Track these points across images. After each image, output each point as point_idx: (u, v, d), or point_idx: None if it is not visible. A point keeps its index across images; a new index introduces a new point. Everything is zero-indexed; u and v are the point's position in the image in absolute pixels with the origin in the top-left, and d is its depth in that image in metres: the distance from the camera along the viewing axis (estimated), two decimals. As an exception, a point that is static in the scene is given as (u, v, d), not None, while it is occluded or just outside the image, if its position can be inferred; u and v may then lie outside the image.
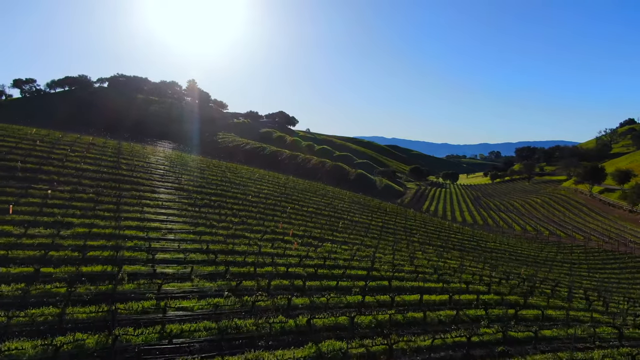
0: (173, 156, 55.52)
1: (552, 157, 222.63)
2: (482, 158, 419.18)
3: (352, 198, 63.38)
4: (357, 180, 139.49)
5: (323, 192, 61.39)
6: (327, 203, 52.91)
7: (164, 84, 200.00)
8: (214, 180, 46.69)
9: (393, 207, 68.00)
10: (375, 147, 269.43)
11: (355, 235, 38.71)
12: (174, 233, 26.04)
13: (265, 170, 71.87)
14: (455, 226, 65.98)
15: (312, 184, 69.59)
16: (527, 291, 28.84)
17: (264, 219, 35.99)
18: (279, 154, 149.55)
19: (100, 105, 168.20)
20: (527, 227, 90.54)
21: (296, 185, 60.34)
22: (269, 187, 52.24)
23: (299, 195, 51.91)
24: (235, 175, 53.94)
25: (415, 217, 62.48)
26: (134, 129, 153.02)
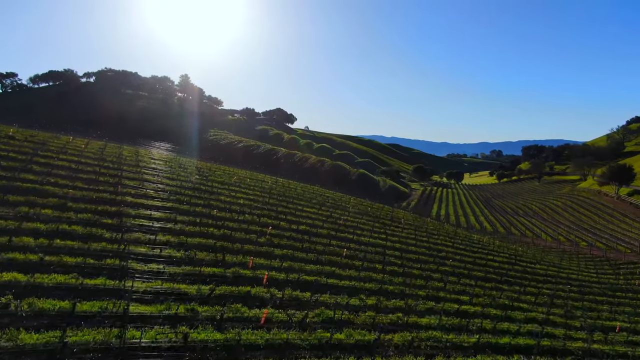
0: (126, 153, 41.91)
1: (560, 156, 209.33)
2: (483, 157, 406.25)
3: (356, 206, 49.77)
4: (359, 180, 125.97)
5: (321, 198, 47.80)
6: (326, 216, 39.36)
7: (155, 79, 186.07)
8: (170, 187, 33.24)
9: (407, 217, 54.46)
10: (376, 146, 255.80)
11: (367, 272, 25.17)
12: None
13: (250, 172, 58.36)
14: (485, 240, 52.35)
15: (307, 187, 56.01)
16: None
17: (227, 249, 22.56)
18: (275, 152, 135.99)
19: (85, 101, 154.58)
20: (559, 237, 76.96)
21: (286, 190, 46.74)
22: (249, 195, 38.64)
23: (287, 206, 38.32)
24: (204, 178, 40.35)
25: (438, 231, 48.84)
26: (118, 125, 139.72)
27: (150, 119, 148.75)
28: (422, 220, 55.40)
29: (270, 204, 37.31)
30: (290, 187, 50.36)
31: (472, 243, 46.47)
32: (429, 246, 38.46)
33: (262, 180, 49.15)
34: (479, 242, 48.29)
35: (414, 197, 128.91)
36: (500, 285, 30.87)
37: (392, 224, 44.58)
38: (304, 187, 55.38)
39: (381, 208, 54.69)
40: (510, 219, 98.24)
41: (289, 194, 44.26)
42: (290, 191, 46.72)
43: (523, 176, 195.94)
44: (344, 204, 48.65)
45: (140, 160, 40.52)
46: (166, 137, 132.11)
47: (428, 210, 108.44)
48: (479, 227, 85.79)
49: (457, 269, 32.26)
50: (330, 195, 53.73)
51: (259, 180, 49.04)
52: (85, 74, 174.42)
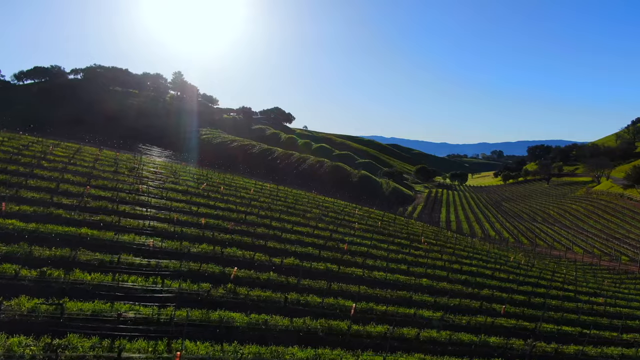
0: (94, 156, 30.95)
1: (568, 157, 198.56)
2: (484, 157, 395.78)
3: (363, 219, 38.67)
4: (361, 183, 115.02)
5: (318, 211, 36.70)
6: (325, 237, 28.32)
7: (147, 76, 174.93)
8: (94, 200, 22.32)
9: (426, 231, 43.26)
10: (376, 146, 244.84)
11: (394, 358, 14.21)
12: None
13: (234, 175, 47.26)
14: (524, 262, 41.09)
15: (302, 194, 44.95)
16: None
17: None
18: (271, 152, 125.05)
19: (70, 99, 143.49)
20: (593, 249, 65.91)
21: (274, 201, 35.62)
22: (215, 212, 27.55)
23: (271, 225, 27.20)
24: (161, 182, 29.28)
25: (466, 248, 37.67)
26: (104, 124, 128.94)
27: (139, 117, 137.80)
28: (443, 235, 44.32)
29: (247, 222, 26.33)
30: (279, 195, 39.29)
31: (513, 268, 35.47)
32: (466, 279, 27.43)
33: (244, 188, 38.06)
34: (518, 266, 37.30)
35: (420, 201, 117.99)
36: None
37: (411, 244, 33.56)
38: (298, 194, 44.35)
39: (393, 220, 43.67)
40: (529, 226, 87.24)
41: (276, 206, 33.19)
42: (279, 202, 35.62)
43: (530, 177, 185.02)
44: (347, 217, 37.56)
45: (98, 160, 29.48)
46: (154, 135, 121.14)
47: (437, 216, 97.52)
48: (497, 236, 74.84)
49: (518, 328, 21.20)
50: (330, 204, 42.69)
51: (240, 187, 37.93)
52: (73, 71, 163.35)
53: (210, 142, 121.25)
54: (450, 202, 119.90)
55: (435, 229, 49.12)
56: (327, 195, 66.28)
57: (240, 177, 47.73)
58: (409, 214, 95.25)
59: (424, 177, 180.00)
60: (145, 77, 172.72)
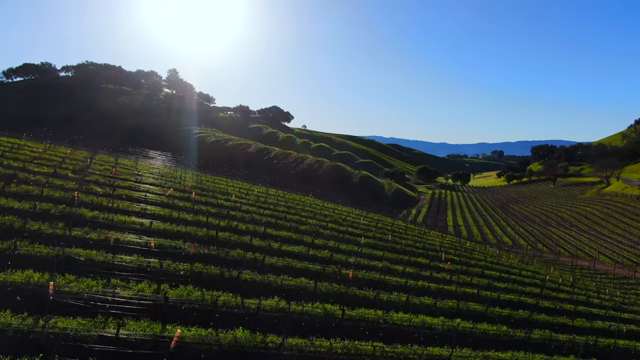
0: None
1: (573, 157, 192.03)
2: (484, 157, 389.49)
3: (370, 229, 31.68)
4: (362, 183, 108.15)
5: (314, 221, 29.69)
6: (323, 260, 21.39)
7: (140, 73, 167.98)
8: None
9: (445, 242, 36.25)
10: (377, 146, 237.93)
11: None
12: None
13: (207, 175, 40.19)
14: (561, 281, 34.09)
15: (296, 199, 37.95)
16: None
17: None
18: (268, 152, 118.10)
19: (60, 96, 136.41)
20: (622, 259, 58.90)
21: (258, 210, 28.63)
22: (177, 229, 20.65)
23: (251, 246, 20.19)
24: (109, 191, 22.34)
25: (495, 264, 30.72)
26: (94, 122, 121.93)
27: (131, 115, 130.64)
28: (462, 247, 37.26)
29: (218, 241, 19.41)
30: (268, 201, 32.31)
31: (554, 291, 28.55)
32: (509, 315, 20.53)
33: (224, 193, 31.08)
34: (558, 287, 30.39)
35: (424, 203, 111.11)
36: None
37: (431, 263, 26.62)
38: (292, 199, 37.37)
39: (404, 230, 36.68)
40: (544, 231, 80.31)
41: (262, 217, 26.21)
42: (267, 210, 28.60)
43: (534, 178, 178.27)
44: (351, 228, 30.57)
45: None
46: (145, 134, 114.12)
47: (443, 219, 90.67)
48: (511, 242, 68.00)
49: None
50: (330, 211, 35.71)
51: (220, 192, 30.92)
52: (64, 68, 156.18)
53: (204, 142, 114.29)
54: (456, 204, 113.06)
55: (454, 240, 42.01)
56: (327, 197, 59.35)
57: (225, 179, 40.78)
58: (413, 218, 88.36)
59: (426, 177, 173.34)
60: (139, 75, 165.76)
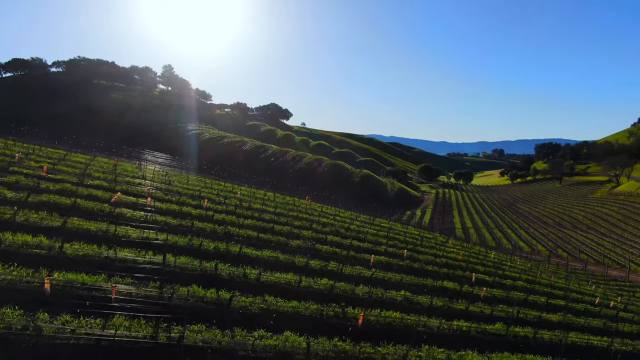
0: None
1: (579, 155, 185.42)
2: (485, 156, 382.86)
3: (378, 240, 25.07)
4: (363, 183, 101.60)
5: (310, 233, 23.13)
6: (323, 297, 14.85)
7: (134, 69, 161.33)
8: None
9: (478, 256, 29.76)
10: (377, 144, 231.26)
11: None
12: None
13: (182, 173, 33.61)
14: (613, 304, 27.57)
15: (288, 202, 31.32)
16: None
17: None
18: (264, 150, 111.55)
19: (50, 92, 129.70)
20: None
21: (234, 223, 21.92)
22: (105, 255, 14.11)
23: (202, 295, 13.69)
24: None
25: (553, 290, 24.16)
26: (84, 119, 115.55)
27: (123, 112, 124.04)
28: (490, 261, 30.66)
29: (164, 273, 12.93)
30: (253, 206, 25.79)
31: (614, 321, 22.04)
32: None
33: (196, 197, 24.43)
34: (616, 314, 23.91)
35: (428, 203, 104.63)
36: None
37: (461, 290, 20.09)
38: (285, 203, 30.79)
39: (419, 240, 30.12)
40: (560, 233, 73.85)
41: (240, 230, 19.62)
42: (246, 223, 21.89)
43: (539, 176, 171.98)
44: (356, 241, 23.92)
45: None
46: (136, 131, 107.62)
47: (449, 221, 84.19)
48: (528, 248, 61.54)
49: None
50: (330, 218, 29.11)
51: (190, 195, 24.27)
52: (55, 63, 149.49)
53: (197, 139, 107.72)
54: (462, 205, 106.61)
55: (475, 250, 34.88)
56: (326, 199, 52.84)
57: (205, 179, 34.22)
58: (418, 219, 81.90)
59: (428, 176, 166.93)
60: (132, 70, 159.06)
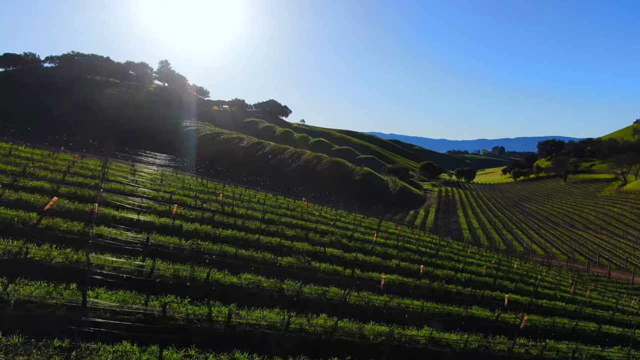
0: None
1: (583, 152, 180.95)
2: (485, 154, 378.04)
3: (388, 250, 20.70)
4: (364, 181, 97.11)
5: (305, 245, 18.74)
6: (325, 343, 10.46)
7: (130, 65, 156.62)
8: None
9: (504, 269, 25.22)
10: (377, 142, 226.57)
11: None
12: None
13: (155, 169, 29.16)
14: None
15: (282, 208, 26.80)
16: None
17: None
18: (262, 146, 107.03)
19: (41, 88, 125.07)
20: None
21: (206, 237, 17.35)
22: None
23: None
24: None
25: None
26: (75, 116, 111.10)
27: (117, 107, 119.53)
28: (521, 277, 26.17)
29: (90, 308, 8.54)
30: (238, 212, 21.33)
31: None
32: None
33: (164, 202, 19.95)
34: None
35: (431, 202, 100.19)
36: None
37: (497, 320, 15.59)
38: (275, 207, 26.28)
39: (436, 248, 25.71)
40: (572, 234, 69.39)
41: (214, 246, 15.05)
42: (224, 234, 17.14)
43: (542, 174, 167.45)
44: (362, 255, 19.36)
45: None
46: (128, 127, 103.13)
47: (455, 221, 79.76)
48: (542, 252, 57.10)
49: None
50: (329, 223, 24.57)
51: (150, 196, 19.77)
52: (48, 58, 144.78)
53: (192, 136, 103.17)
54: (466, 204, 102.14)
55: (497, 260, 30.29)
56: (326, 199, 48.42)
57: (185, 176, 29.70)
58: (423, 219, 77.48)
59: (429, 174, 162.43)
60: (128, 66, 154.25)
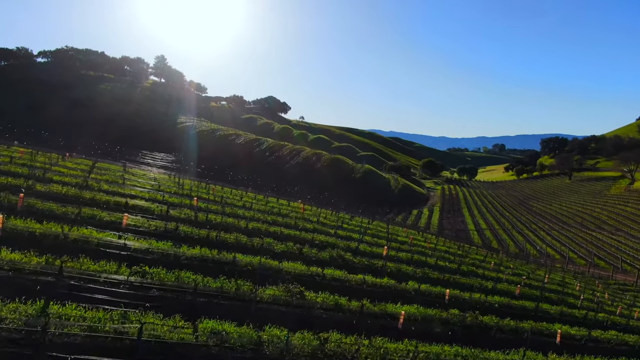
0: None
1: (587, 150, 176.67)
2: (485, 151, 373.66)
3: (422, 306, 16.37)
4: (365, 179, 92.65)
5: (298, 268, 14.51)
6: None
7: (126, 60, 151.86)
8: None
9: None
10: (378, 139, 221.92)
11: None
12: None
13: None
14: None
15: (270, 210, 22.42)
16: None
17: None
18: (259, 143, 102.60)
19: (31, 85, 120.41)
20: None
21: (160, 260, 13.08)
22: None
23: None
24: None
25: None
26: (66, 112, 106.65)
27: (111, 103, 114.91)
28: (565, 296, 21.78)
29: None
30: (214, 220, 16.99)
31: None
32: None
33: (115, 208, 15.52)
34: None
35: (435, 201, 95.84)
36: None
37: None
38: (265, 211, 21.90)
39: (458, 262, 21.32)
40: (586, 236, 65.06)
41: (167, 275, 10.69)
42: (190, 254, 12.69)
43: (546, 172, 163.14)
44: (370, 278, 14.88)
45: None
46: (120, 124, 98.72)
47: (460, 221, 75.39)
48: (557, 256, 52.83)
49: None
50: (329, 232, 20.20)
51: (101, 202, 15.40)
52: (41, 53, 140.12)
53: (187, 132, 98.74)
54: (470, 203, 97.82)
55: (530, 272, 25.60)
56: (327, 200, 44.06)
57: (159, 175, 25.33)
58: (427, 219, 73.21)
59: (431, 172, 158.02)
60: (123, 61, 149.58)
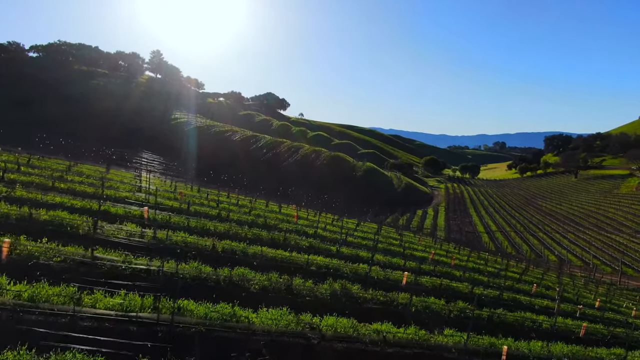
0: None
1: (592, 147, 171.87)
2: (486, 149, 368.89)
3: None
4: (366, 177, 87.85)
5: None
6: None
7: (120, 55, 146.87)
8: None
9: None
10: (379, 136, 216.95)
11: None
12: None
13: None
14: None
15: (257, 218, 17.69)
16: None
17: None
18: (256, 140, 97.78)
19: (19, 80, 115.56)
20: None
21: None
22: None
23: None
24: None
25: None
26: (56, 108, 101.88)
27: (104, 99, 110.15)
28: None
29: None
30: (175, 240, 12.41)
31: None
32: None
33: (16, 225, 10.91)
34: None
35: (439, 200, 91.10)
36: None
37: None
38: (244, 220, 17.19)
39: (486, 281, 16.68)
40: (604, 238, 60.31)
41: (64, 354, 6.18)
42: (97, 306, 7.58)
43: (550, 170, 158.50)
44: (390, 336, 9.92)
45: None
46: (115, 121, 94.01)
47: (468, 222, 70.67)
48: (579, 262, 48.17)
49: None
50: (330, 252, 15.51)
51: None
52: (33, 47, 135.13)
53: (181, 128, 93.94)
54: (476, 202, 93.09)
55: (573, 290, 20.99)
56: (326, 201, 39.38)
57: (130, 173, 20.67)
58: (432, 220, 68.50)
59: (433, 170, 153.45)
60: (118, 56, 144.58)
